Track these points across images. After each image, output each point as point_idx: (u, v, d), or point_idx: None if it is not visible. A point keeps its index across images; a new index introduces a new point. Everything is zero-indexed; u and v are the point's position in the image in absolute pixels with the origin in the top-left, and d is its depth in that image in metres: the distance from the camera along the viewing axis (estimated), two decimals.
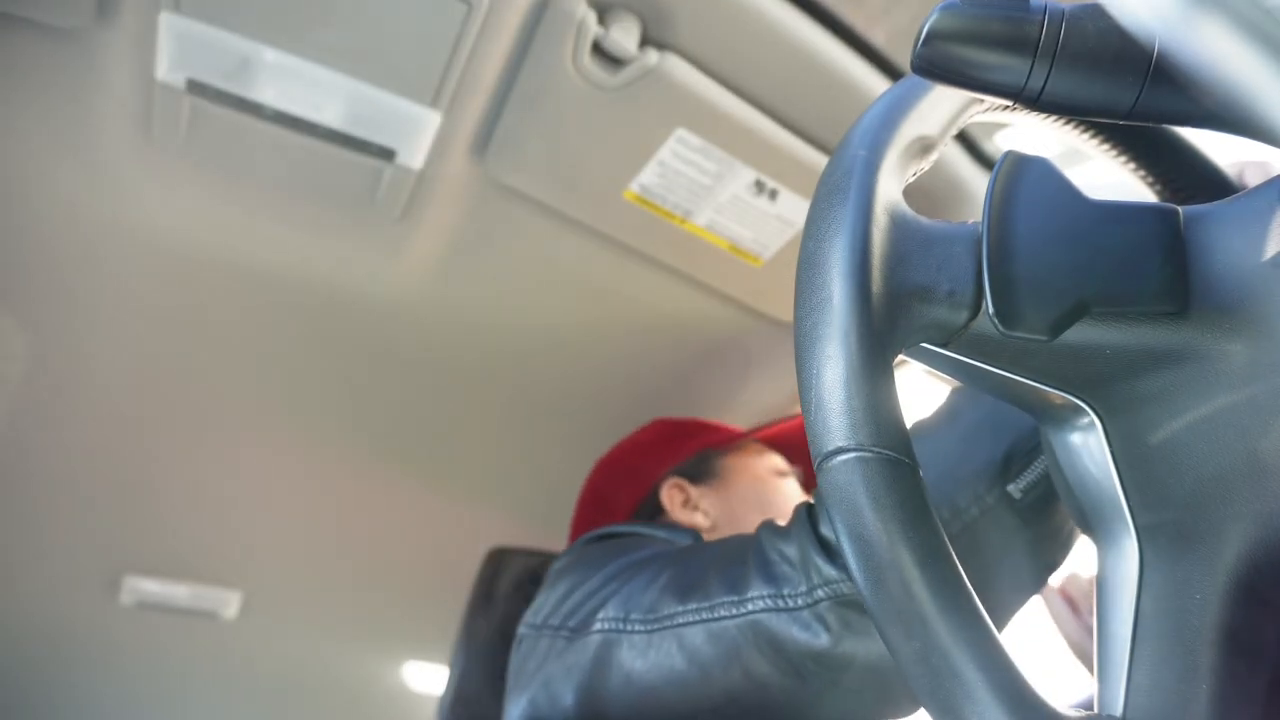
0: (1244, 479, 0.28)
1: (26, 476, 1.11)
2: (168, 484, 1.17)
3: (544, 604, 0.74)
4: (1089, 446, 0.33)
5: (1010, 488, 0.53)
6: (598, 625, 0.67)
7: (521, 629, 0.75)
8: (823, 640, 0.57)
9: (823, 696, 0.60)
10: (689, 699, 0.62)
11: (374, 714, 1.67)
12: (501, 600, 1.08)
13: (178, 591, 1.31)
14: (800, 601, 0.58)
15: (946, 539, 0.28)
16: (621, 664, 0.64)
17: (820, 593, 0.57)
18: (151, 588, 1.29)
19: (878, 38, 0.78)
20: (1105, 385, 0.31)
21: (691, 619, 0.62)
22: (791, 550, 0.60)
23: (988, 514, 0.53)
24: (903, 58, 0.80)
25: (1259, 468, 0.28)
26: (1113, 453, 0.32)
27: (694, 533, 0.80)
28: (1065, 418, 0.33)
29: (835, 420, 0.28)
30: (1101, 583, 0.33)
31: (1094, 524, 0.34)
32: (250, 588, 1.35)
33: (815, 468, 0.29)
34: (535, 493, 1.30)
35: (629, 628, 0.65)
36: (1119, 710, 0.30)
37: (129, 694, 1.49)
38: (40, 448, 1.09)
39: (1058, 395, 0.32)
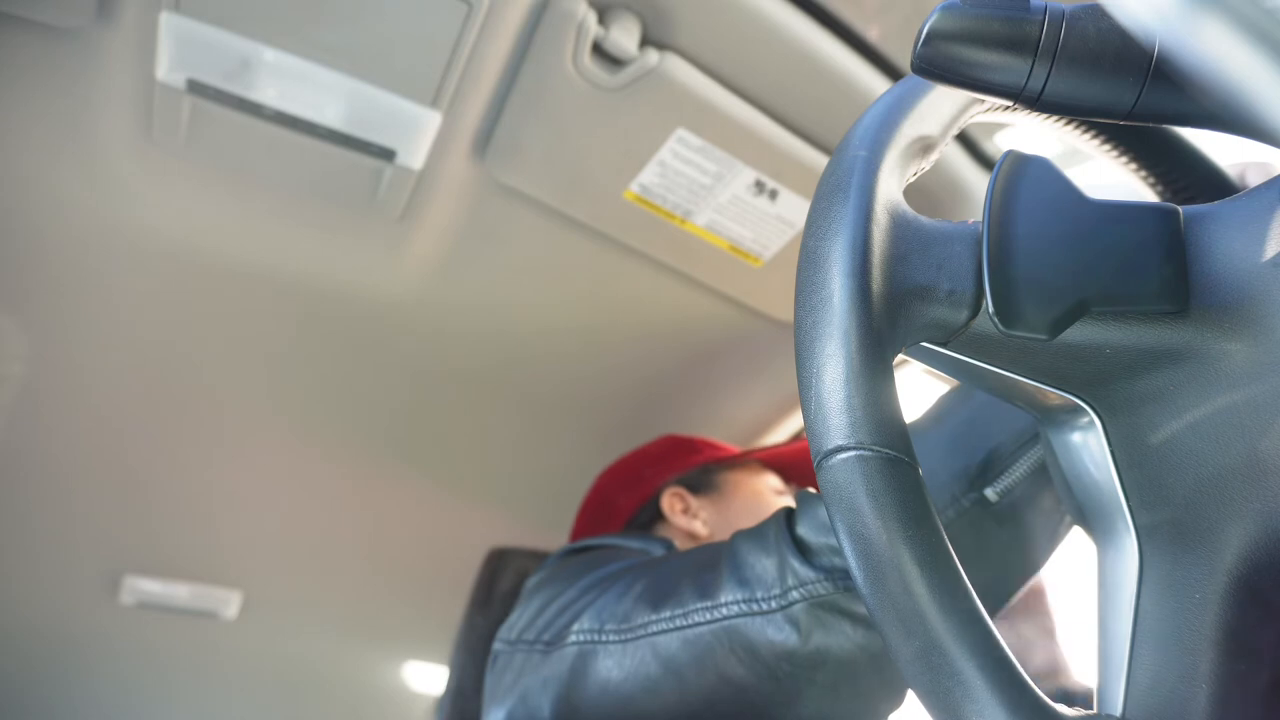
0: (1244, 479, 0.28)
1: (26, 476, 1.11)
2: (168, 484, 1.17)
3: (518, 619, 0.75)
4: (1089, 446, 0.33)
5: (988, 491, 0.54)
6: (573, 637, 0.67)
7: (496, 645, 0.76)
8: (793, 640, 0.57)
9: (798, 697, 0.60)
10: (666, 706, 0.62)
11: (374, 714, 1.67)
12: (500, 600, 1.08)
13: (178, 591, 1.31)
14: (774, 604, 0.58)
15: (946, 538, 0.28)
16: (598, 674, 0.64)
17: (795, 594, 0.58)
18: (151, 588, 1.29)
19: (878, 38, 0.78)
20: (1105, 385, 0.31)
21: (665, 626, 0.62)
22: (767, 553, 0.60)
23: (963, 516, 0.54)
24: (903, 58, 0.80)
25: (1259, 467, 0.28)
26: (1112, 452, 0.32)
27: (668, 543, 0.81)
28: (1065, 417, 0.33)
29: (835, 419, 0.28)
30: (1101, 582, 0.33)
31: (1094, 523, 0.34)
32: (250, 588, 1.35)
33: (815, 466, 0.29)
34: (535, 493, 1.30)
35: (604, 638, 0.65)
36: (1119, 710, 0.30)
37: (129, 694, 1.49)
38: (40, 447, 1.09)
39: (1057, 395, 0.32)
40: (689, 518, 0.93)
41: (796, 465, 1.08)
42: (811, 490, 0.64)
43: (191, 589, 1.31)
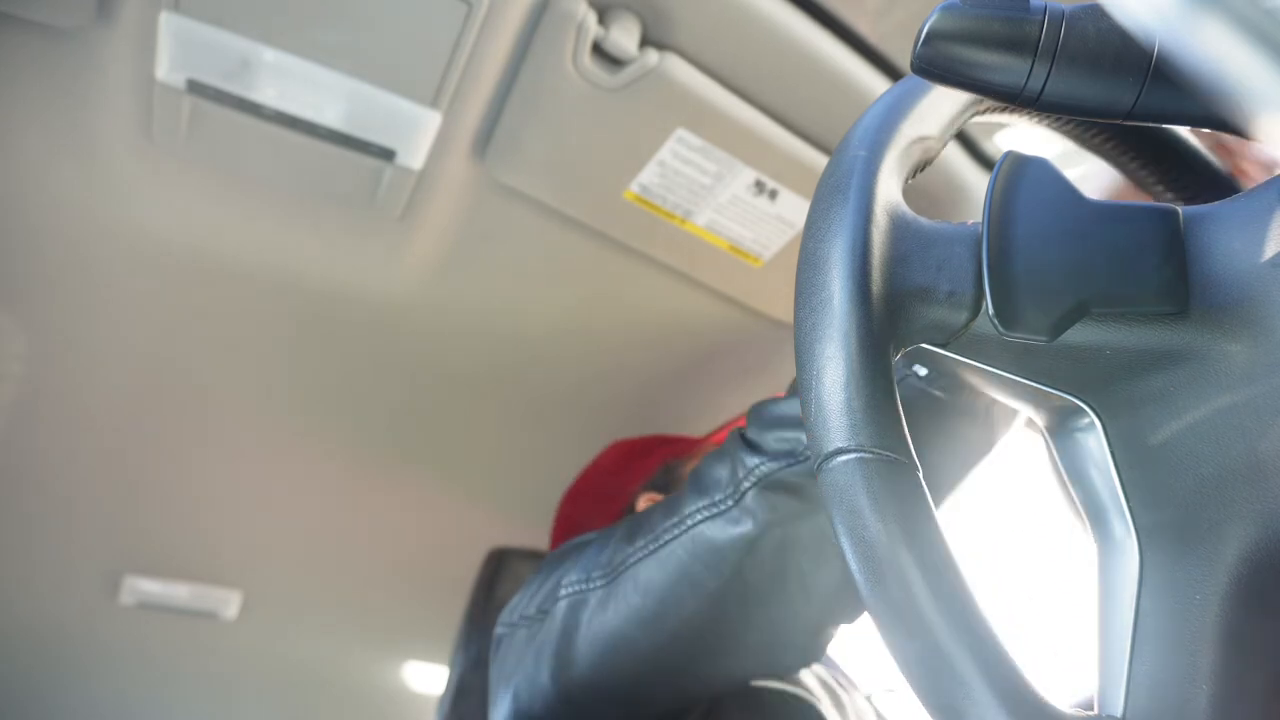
0: (1244, 479, 0.28)
1: (26, 476, 1.11)
2: (168, 484, 1.17)
3: (517, 603, 0.76)
4: (1089, 447, 0.33)
5: (917, 368, 0.54)
6: (562, 593, 0.69)
7: (499, 629, 0.77)
8: (749, 528, 0.58)
9: (770, 596, 0.61)
10: (651, 634, 0.63)
11: (374, 714, 1.67)
12: (500, 601, 1.08)
13: (178, 591, 1.31)
14: (729, 502, 0.59)
15: (948, 540, 0.28)
16: (588, 622, 0.66)
17: (745, 484, 0.59)
18: (151, 588, 1.29)
19: (878, 38, 0.78)
20: (1105, 386, 0.31)
21: (641, 554, 0.64)
22: (722, 461, 0.62)
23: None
24: (903, 58, 0.80)
25: (1259, 468, 0.28)
26: (1113, 453, 0.32)
27: None
28: (1065, 418, 0.33)
29: (835, 421, 0.28)
30: (1102, 583, 0.33)
31: (1094, 524, 0.34)
32: (250, 588, 1.35)
33: (815, 468, 0.29)
34: (535, 493, 1.30)
35: (592, 585, 0.67)
36: (1119, 710, 0.30)
37: (129, 694, 1.49)
38: (40, 448, 1.08)
39: (1058, 396, 0.32)
40: None
41: None
42: (761, 402, 0.64)
43: (191, 589, 1.31)
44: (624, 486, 1.01)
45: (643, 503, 0.95)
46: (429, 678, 1.58)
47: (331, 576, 1.37)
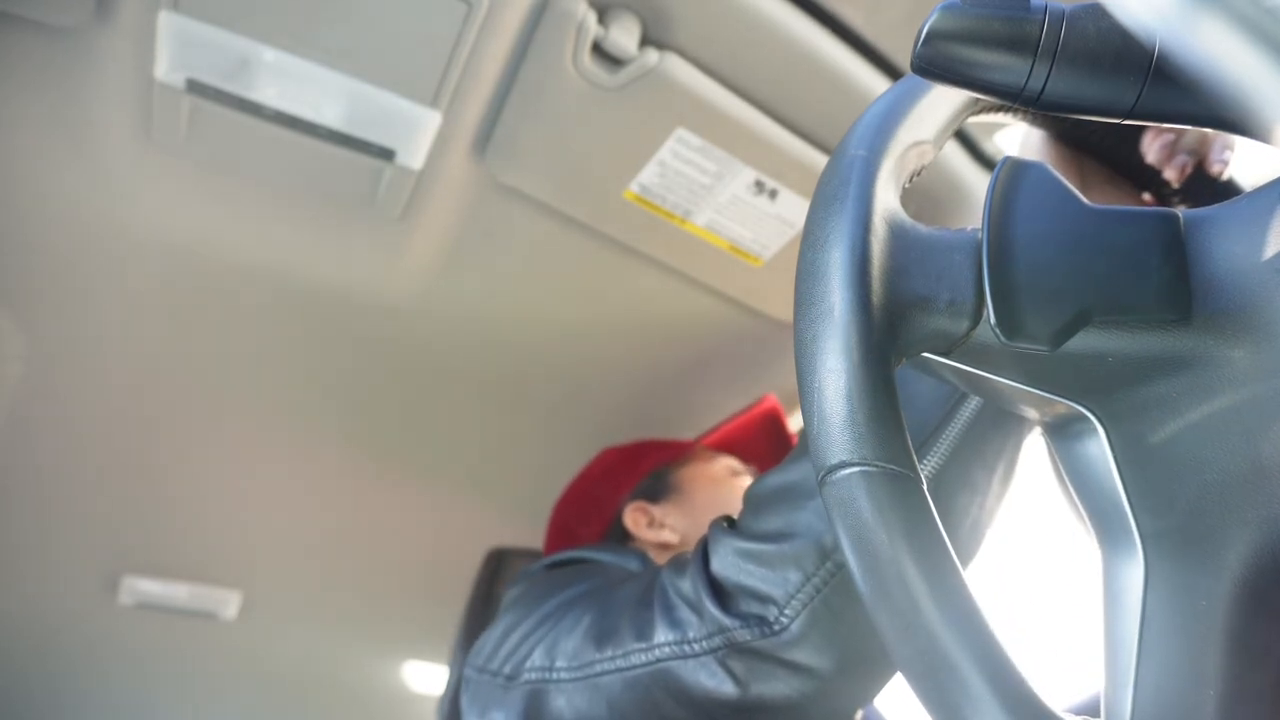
0: (1246, 483, 0.28)
1: (25, 476, 1.11)
2: (168, 484, 1.17)
3: (485, 643, 0.76)
4: (1092, 453, 0.32)
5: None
6: (526, 675, 0.68)
7: (467, 671, 0.76)
8: (729, 689, 0.57)
9: None
10: None
11: (374, 714, 1.67)
12: (499, 601, 1.08)
13: (177, 591, 1.31)
14: (701, 647, 0.58)
15: (952, 551, 0.28)
16: (552, 713, 0.65)
17: (719, 640, 0.58)
18: (151, 588, 1.29)
19: (877, 37, 0.78)
20: (1108, 392, 0.31)
21: (608, 667, 0.63)
22: (687, 588, 0.61)
23: None
24: (903, 57, 0.79)
25: (1261, 472, 0.28)
26: (1116, 459, 0.32)
27: (640, 555, 0.80)
28: (1068, 424, 0.33)
29: (838, 435, 0.28)
30: (1107, 588, 0.33)
31: (1098, 529, 0.34)
32: (250, 588, 1.35)
33: (818, 481, 0.29)
34: (535, 493, 1.30)
35: (555, 675, 0.66)
36: (1126, 715, 0.30)
37: (128, 694, 1.49)
38: (40, 447, 1.09)
39: (1060, 402, 0.32)
40: (655, 530, 0.92)
41: (745, 442, 1.08)
42: (723, 519, 0.63)
43: (191, 589, 1.31)
44: (612, 495, 1.00)
45: (630, 513, 0.94)
46: (429, 678, 1.58)
47: (331, 576, 1.37)
